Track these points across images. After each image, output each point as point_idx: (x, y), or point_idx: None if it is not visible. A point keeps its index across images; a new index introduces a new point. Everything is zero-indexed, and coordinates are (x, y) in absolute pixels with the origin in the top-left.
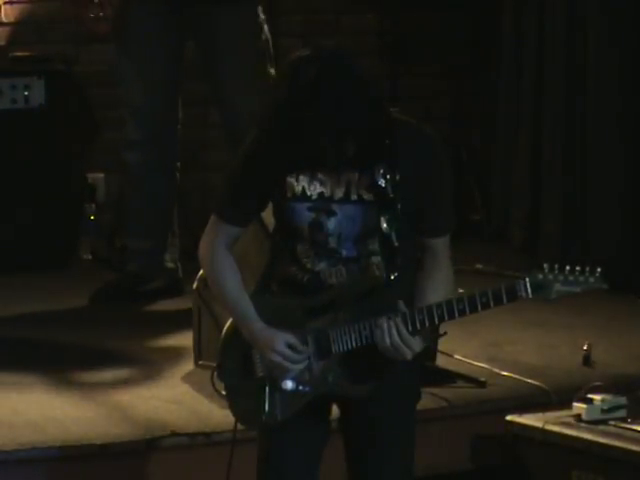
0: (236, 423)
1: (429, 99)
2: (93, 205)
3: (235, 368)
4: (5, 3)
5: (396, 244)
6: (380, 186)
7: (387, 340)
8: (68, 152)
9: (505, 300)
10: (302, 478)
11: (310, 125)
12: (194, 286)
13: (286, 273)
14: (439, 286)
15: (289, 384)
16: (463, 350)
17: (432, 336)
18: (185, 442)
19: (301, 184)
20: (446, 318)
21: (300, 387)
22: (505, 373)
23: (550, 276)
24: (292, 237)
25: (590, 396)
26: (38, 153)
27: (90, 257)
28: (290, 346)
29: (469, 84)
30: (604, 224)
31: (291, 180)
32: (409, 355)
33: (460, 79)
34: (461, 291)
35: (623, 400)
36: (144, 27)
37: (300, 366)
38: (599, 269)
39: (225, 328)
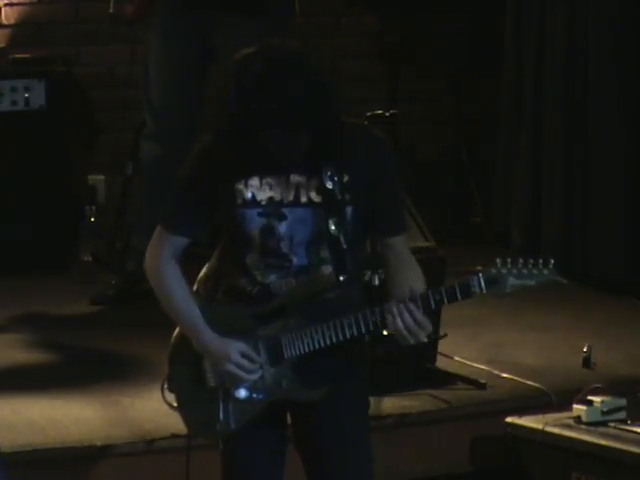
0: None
1: (430, 101)
2: (93, 207)
3: (185, 379)
4: (5, 5)
5: (344, 247)
6: (328, 188)
7: (400, 324)
8: (68, 154)
9: (459, 297)
10: (268, 478)
11: (257, 123)
12: (194, 288)
13: (234, 285)
14: (413, 280)
15: (243, 392)
16: (463, 352)
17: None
18: (185, 444)
19: (250, 190)
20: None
21: (254, 395)
22: (505, 375)
23: (503, 270)
24: (242, 246)
25: (590, 398)
26: (38, 155)
27: (90, 259)
28: (244, 355)
29: (470, 86)
30: (605, 226)
31: (240, 186)
32: (423, 336)
33: (461, 81)
34: None
35: (623, 402)
36: (172, 24)
37: (255, 375)
38: (552, 261)
39: (172, 339)
